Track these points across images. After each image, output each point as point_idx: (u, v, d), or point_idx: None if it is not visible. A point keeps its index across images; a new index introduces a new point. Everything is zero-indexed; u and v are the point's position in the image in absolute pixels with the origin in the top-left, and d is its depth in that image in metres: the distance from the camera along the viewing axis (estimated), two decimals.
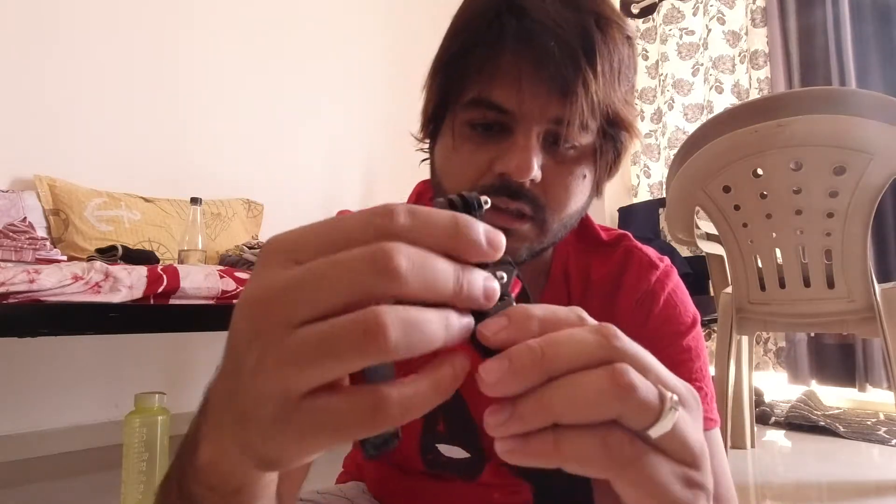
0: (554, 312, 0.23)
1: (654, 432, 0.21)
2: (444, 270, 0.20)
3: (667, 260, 0.60)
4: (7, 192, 1.87)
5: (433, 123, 0.53)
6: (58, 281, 1.19)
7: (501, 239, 0.22)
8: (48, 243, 1.73)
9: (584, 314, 0.24)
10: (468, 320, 0.22)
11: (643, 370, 0.22)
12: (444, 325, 0.20)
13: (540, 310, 0.23)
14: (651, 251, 0.60)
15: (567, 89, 0.44)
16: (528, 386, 0.21)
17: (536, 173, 0.46)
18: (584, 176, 0.50)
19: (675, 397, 0.22)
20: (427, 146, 0.57)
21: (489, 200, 0.25)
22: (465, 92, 0.48)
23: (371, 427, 0.20)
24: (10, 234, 1.64)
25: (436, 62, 0.52)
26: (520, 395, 0.21)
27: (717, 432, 0.54)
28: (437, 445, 0.57)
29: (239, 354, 0.21)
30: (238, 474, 0.26)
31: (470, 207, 0.24)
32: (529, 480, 0.56)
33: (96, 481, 1.70)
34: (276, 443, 0.20)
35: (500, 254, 0.22)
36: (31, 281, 1.16)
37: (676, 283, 0.58)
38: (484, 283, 0.22)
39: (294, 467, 0.22)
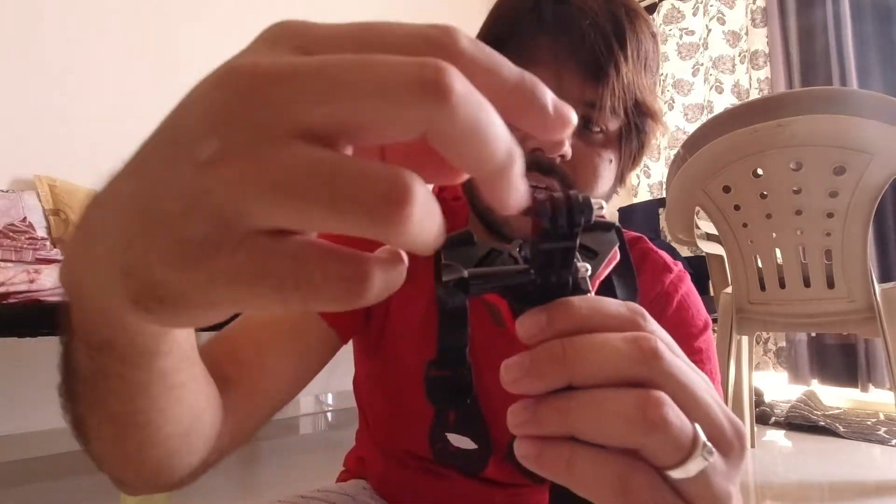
0: (601, 310, 0.20)
1: (676, 474, 0.19)
2: (496, 138, 0.15)
3: (680, 265, 0.61)
4: (7, 192, 1.87)
5: None
6: (57, 281, 1.19)
7: (571, 114, 0.17)
8: (48, 243, 1.73)
9: (646, 317, 0.21)
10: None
11: (685, 400, 0.19)
12: (442, 226, 0.15)
13: (585, 305, 0.20)
14: (665, 255, 0.61)
15: (599, 72, 0.47)
16: (549, 388, 0.19)
17: (567, 150, 0.48)
18: (611, 161, 0.52)
19: (709, 444, 0.19)
20: None
21: (604, 205, 0.22)
22: None
23: (338, 300, 0.15)
24: (10, 234, 1.64)
25: None
26: (542, 397, 0.20)
27: None
28: (446, 434, 0.58)
29: (188, 135, 0.15)
30: (101, 317, 0.20)
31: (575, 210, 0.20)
32: (537, 482, 0.56)
33: (96, 481, 1.69)
34: (188, 276, 0.14)
35: (565, 130, 0.17)
36: (31, 281, 1.16)
37: (689, 287, 0.59)
38: (520, 188, 0.17)
39: (182, 321, 0.16)
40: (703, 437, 0.19)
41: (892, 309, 1.40)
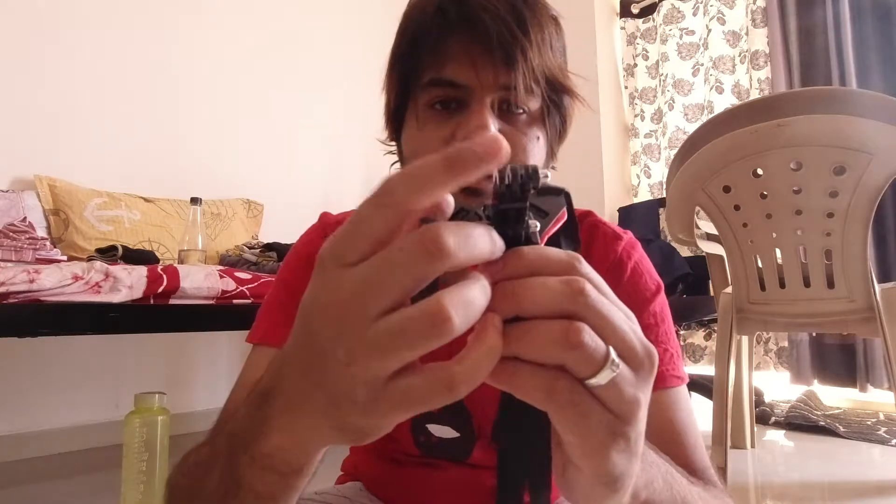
0: (545, 256, 0.26)
1: (590, 382, 0.24)
2: (481, 236, 0.23)
3: (629, 232, 0.64)
4: (7, 192, 1.87)
5: (396, 119, 0.60)
6: (58, 281, 1.19)
7: (496, 144, 0.23)
8: (48, 243, 1.73)
9: (581, 262, 0.26)
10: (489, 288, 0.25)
11: (603, 328, 0.25)
12: (485, 295, 0.23)
13: (533, 253, 0.25)
14: (614, 225, 0.65)
15: (508, 58, 0.51)
16: (502, 317, 0.24)
17: (497, 135, 0.50)
18: (538, 138, 0.55)
19: (617, 359, 0.25)
20: (395, 148, 0.63)
21: (549, 173, 0.27)
22: (421, 76, 0.54)
23: (446, 398, 0.23)
24: (10, 234, 1.64)
25: (391, 59, 0.59)
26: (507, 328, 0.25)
27: (682, 389, 0.58)
28: (427, 426, 0.59)
29: (325, 351, 0.24)
30: (311, 453, 0.30)
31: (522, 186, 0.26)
32: (498, 443, 0.58)
33: (96, 481, 1.70)
34: (372, 418, 0.24)
35: (501, 157, 0.23)
36: (31, 281, 1.16)
37: (641, 254, 0.62)
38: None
39: (381, 435, 0.26)
40: (613, 355, 0.25)
41: (892, 309, 1.40)
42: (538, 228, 0.27)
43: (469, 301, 0.22)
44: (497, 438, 0.58)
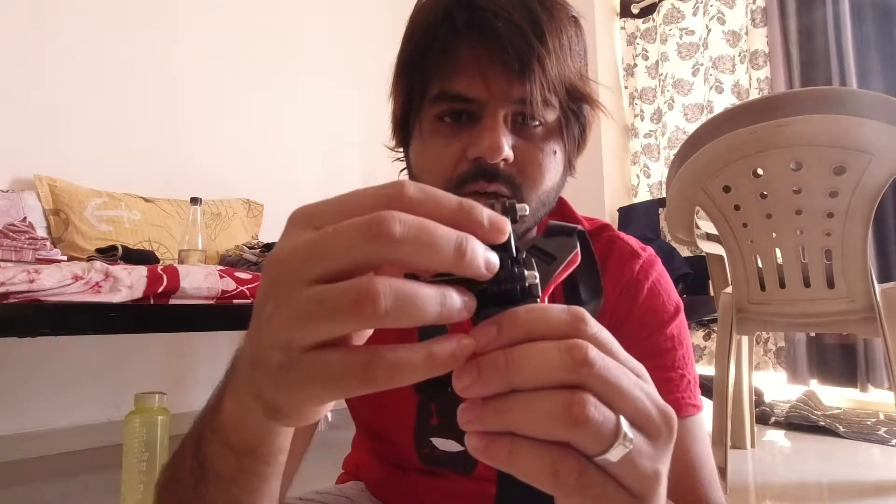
0: (544, 319, 0.23)
1: (601, 460, 0.22)
2: (443, 237, 0.21)
3: (650, 249, 0.60)
4: (7, 192, 1.87)
5: (404, 128, 0.56)
6: (58, 281, 1.19)
7: (505, 225, 0.23)
8: (48, 243, 1.73)
9: (586, 320, 0.23)
10: (467, 300, 0.23)
11: (611, 396, 0.22)
12: (439, 301, 0.21)
13: (530, 316, 0.23)
14: (633, 241, 0.61)
15: (524, 69, 0.47)
16: (493, 393, 0.22)
17: (508, 153, 0.48)
18: (555, 152, 0.52)
19: (630, 432, 0.22)
20: (403, 155, 0.59)
21: (527, 208, 0.25)
22: (429, 89, 0.51)
23: (363, 384, 0.21)
24: (10, 234, 1.64)
25: (397, 66, 0.55)
26: (487, 399, 0.22)
27: (698, 419, 0.55)
28: (431, 439, 0.58)
29: (258, 308, 0.23)
30: (253, 429, 0.29)
31: (508, 213, 0.24)
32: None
33: (96, 481, 1.69)
34: (281, 389, 0.22)
35: (503, 237, 0.23)
36: (31, 281, 1.16)
37: (660, 273, 0.59)
38: (484, 254, 0.22)
39: (297, 419, 0.24)
40: (625, 427, 0.22)
41: (892, 309, 1.40)
42: (537, 280, 0.24)
43: (408, 293, 0.20)
44: None
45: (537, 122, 0.51)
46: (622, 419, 0.22)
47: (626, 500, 0.23)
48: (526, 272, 0.23)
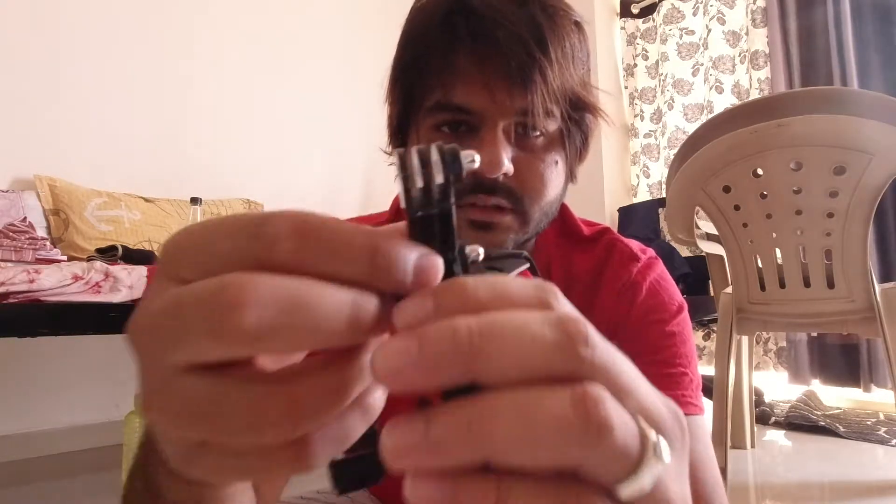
0: (503, 290, 0.15)
1: (628, 489, 0.14)
2: (324, 311, 0.15)
3: (650, 252, 0.59)
4: (7, 192, 1.87)
5: (400, 134, 0.55)
6: (58, 281, 1.19)
7: (434, 268, 0.16)
8: (48, 243, 1.73)
9: (557, 294, 0.16)
10: (390, 308, 0.16)
11: (619, 393, 0.15)
12: (347, 311, 0.15)
13: (482, 285, 0.15)
14: (634, 244, 0.60)
15: (525, 79, 0.45)
16: (444, 385, 0.14)
17: (508, 167, 0.47)
18: (557, 162, 0.51)
19: (660, 439, 0.15)
20: None
21: (476, 158, 0.17)
22: (426, 98, 0.49)
23: (246, 430, 0.15)
24: (10, 234, 1.64)
25: (393, 71, 0.53)
26: (440, 408, 0.14)
27: (700, 420, 0.53)
28: None
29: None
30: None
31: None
32: None
33: (96, 481, 1.69)
34: (153, 414, 0.16)
35: (435, 277, 0.16)
36: (31, 281, 1.16)
37: (660, 274, 0.58)
38: (417, 261, 0.16)
39: (180, 452, 0.18)
40: (651, 433, 0.15)
41: (892, 309, 1.40)
42: (480, 257, 0.18)
43: (297, 298, 0.14)
44: None
45: (538, 133, 0.49)
46: (642, 421, 0.15)
47: None
48: (468, 246, 0.18)
